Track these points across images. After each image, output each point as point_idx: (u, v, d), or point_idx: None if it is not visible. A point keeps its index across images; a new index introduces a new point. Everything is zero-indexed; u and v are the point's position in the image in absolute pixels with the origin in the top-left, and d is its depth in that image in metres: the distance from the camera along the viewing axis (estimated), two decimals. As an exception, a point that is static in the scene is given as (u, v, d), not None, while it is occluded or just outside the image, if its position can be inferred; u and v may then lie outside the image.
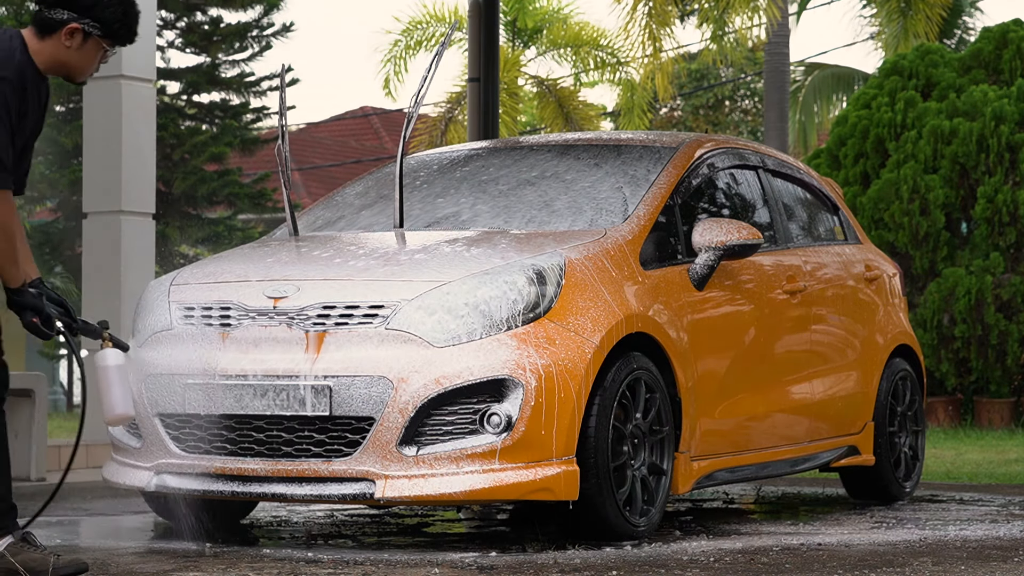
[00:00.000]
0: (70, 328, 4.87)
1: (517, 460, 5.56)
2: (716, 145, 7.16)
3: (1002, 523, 6.82)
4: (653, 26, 19.24)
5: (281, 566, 5.24)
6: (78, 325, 4.91)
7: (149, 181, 10.29)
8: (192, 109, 21.22)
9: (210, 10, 20.72)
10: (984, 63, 16.14)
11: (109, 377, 4.93)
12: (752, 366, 6.77)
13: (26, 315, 4.75)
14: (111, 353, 4.96)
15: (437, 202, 6.80)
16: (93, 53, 4.75)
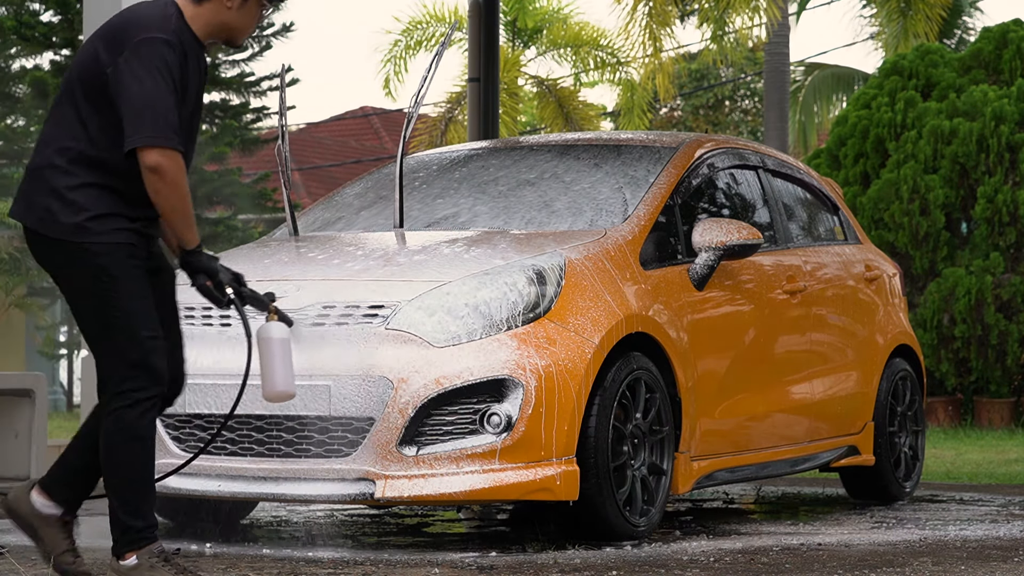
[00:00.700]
0: (240, 296, 4.78)
1: (517, 460, 5.56)
2: (716, 145, 7.16)
3: (1002, 523, 6.82)
4: (653, 26, 19.25)
5: (281, 566, 5.24)
6: (247, 293, 4.82)
7: (149, 181, 10.28)
8: (192, 109, 21.21)
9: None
10: (984, 63, 16.14)
11: (273, 351, 4.78)
12: (752, 366, 6.77)
13: (199, 278, 4.64)
14: (276, 326, 4.81)
15: (437, 202, 6.80)
16: (253, 12, 4.67)
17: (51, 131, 4.58)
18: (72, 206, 4.47)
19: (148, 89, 4.40)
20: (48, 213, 4.49)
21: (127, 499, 4.54)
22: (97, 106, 4.49)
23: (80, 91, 4.52)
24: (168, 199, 4.44)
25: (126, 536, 4.54)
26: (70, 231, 4.47)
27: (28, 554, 5.52)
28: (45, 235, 4.52)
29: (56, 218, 4.48)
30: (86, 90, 4.51)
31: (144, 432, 4.53)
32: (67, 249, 4.49)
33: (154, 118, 4.38)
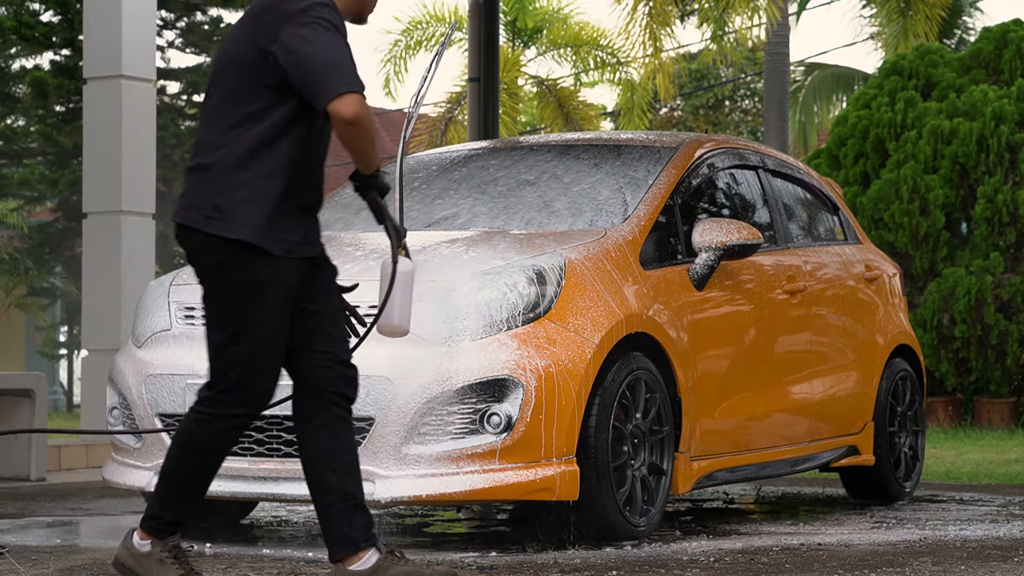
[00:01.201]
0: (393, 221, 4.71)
1: (517, 460, 5.56)
2: (716, 145, 7.16)
3: (1002, 523, 6.82)
4: (653, 26, 19.25)
5: (281, 566, 5.24)
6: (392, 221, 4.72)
7: (149, 181, 10.30)
8: (192, 109, 21.22)
9: (210, 10, 20.73)
10: (984, 63, 16.14)
11: (396, 283, 4.68)
12: (752, 366, 6.77)
13: (372, 194, 4.57)
14: (403, 261, 4.71)
15: (437, 202, 6.80)
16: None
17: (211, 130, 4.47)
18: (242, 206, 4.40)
19: (322, 48, 4.32)
20: (217, 212, 4.40)
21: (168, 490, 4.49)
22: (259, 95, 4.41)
23: (241, 84, 4.43)
24: (363, 143, 4.36)
25: (151, 522, 4.50)
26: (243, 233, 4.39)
27: (28, 554, 5.52)
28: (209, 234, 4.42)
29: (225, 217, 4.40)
30: (248, 81, 4.41)
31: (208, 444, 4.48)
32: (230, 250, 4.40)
33: (338, 71, 4.30)
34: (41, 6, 20.46)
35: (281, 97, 4.40)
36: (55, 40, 20.17)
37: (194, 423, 4.47)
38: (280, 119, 4.42)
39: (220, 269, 4.41)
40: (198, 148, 4.51)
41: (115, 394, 6.21)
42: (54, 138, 19.51)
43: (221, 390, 4.44)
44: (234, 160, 4.40)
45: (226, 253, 4.39)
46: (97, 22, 10.25)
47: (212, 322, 4.46)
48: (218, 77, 4.50)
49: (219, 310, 4.44)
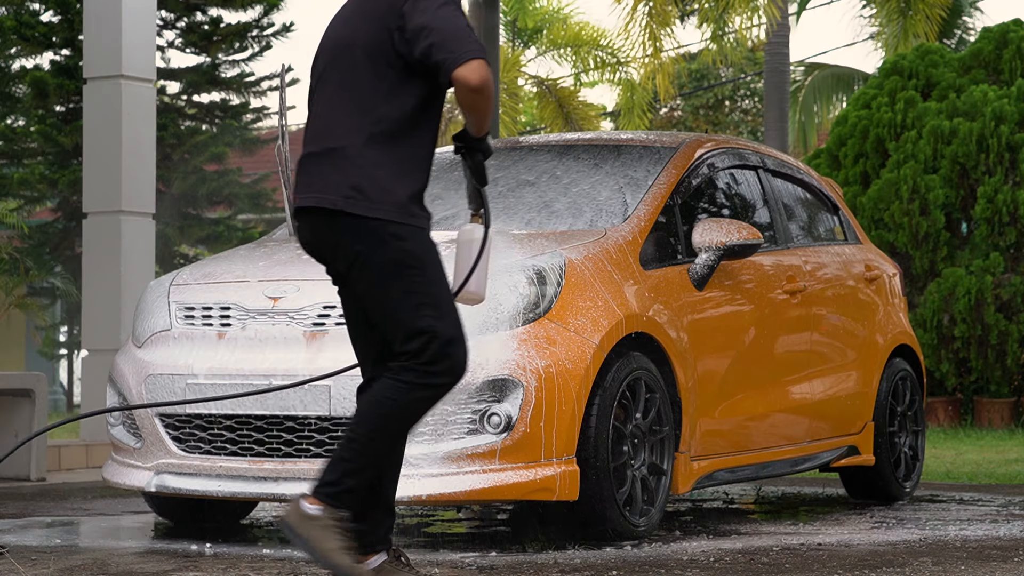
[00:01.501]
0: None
1: (517, 460, 5.56)
2: (716, 145, 7.16)
3: (1002, 523, 6.82)
4: (653, 26, 19.24)
5: (281, 566, 5.24)
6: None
7: (149, 181, 10.30)
8: (192, 109, 21.20)
9: (210, 10, 20.71)
10: (984, 63, 16.14)
11: (473, 251, 4.69)
12: (752, 366, 6.77)
13: (478, 156, 4.60)
14: (480, 228, 4.73)
15: (436, 203, 6.80)
16: None
17: (336, 114, 4.45)
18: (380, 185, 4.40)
19: (442, 18, 4.34)
20: (357, 192, 4.39)
21: (354, 458, 4.39)
22: (383, 76, 4.42)
23: (364, 66, 4.43)
24: (484, 109, 4.40)
25: (329, 488, 4.38)
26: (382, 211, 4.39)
27: (28, 554, 5.52)
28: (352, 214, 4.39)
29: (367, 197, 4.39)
30: (372, 63, 4.42)
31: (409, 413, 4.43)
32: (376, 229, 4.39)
33: (461, 38, 4.33)
34: (41, 6, 20.44)
35: (406, 76, 4.42)
36: (55, 40, 20.15)
37: (392, 388, 4.38)
38: (407, 98, 4.44)
39: (374, 249, 4.39)
40: (321, 133, 4.47)
41: (115, 394, 6.21)
42: (54, 138, 19.48)
43: (427, 361, 4.38)
44: (366, 141, 4.40)
45: (372, 232, 4.38)
46: (97, 22, 10.25)
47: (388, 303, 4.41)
48: (335, 63, 4.49)
49: (392, 288, 4.40)
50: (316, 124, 4.52)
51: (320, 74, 4.56)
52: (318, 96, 4.55)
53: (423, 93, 4.46)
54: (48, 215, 22.45)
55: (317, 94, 4.56)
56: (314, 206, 4.44)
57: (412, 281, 4.39)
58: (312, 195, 4.45)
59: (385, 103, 4.42)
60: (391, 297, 4.40)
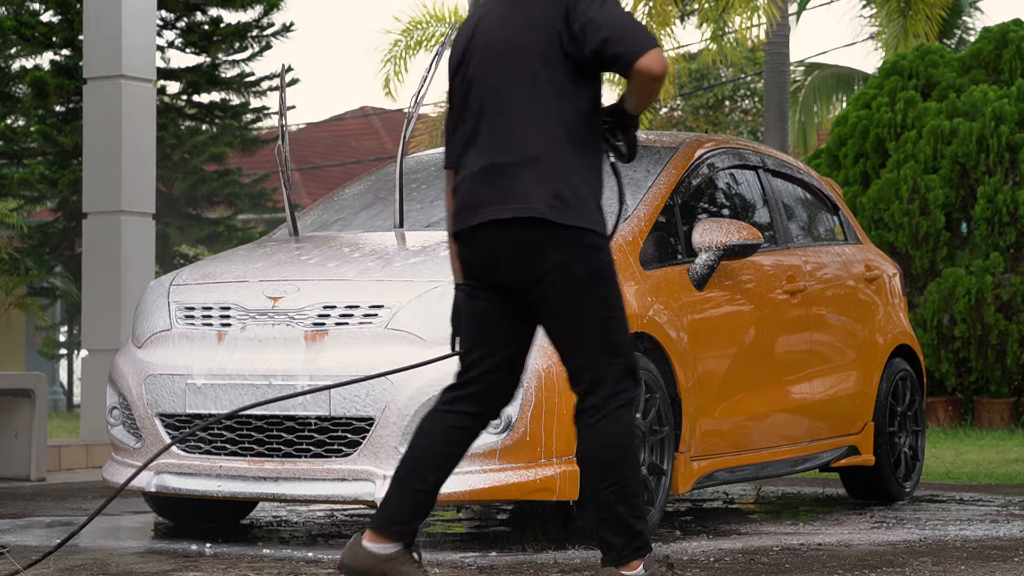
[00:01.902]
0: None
1: (517, 460, 5.56)
2: (716, 145, 7.16)
3: (1002, 523, 6.82)
4: (653, 26, 19.23)
5: (281, 566, 5.24)
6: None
7: (149, 181, 10.30)
8: (192, 109, 21.21)
9: (210, 10, 20.72)
10: (984, 63, 16.14)
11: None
12: (752, 366, 6.77)
13: (631, 131, 4.55)
14: None
15: (437, 203, 6.80)
16: None
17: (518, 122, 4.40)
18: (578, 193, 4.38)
19: (612, 11, 4.35)
20: (560, 201, 4.35)
21: (634, 501, 4.37)
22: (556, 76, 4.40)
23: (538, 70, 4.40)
24: (657, 93, 4.40)
25: (635, 543, 4.35)
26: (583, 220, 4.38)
27: (28, 554, 5.52)
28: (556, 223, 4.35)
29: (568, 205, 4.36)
30: (546, 66, 4.40)
31: (634, 431, 4.43)
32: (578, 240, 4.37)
33: (637, 29, 4.34)
34: (41, 6, 20.45)
35: (576, 78, 4.41)
36: (55, 40, 20.16)
37: (613, 424, 4.37)
38: (580, 101, 4.43)
39: (575, 259, 4.36)
40: (504, 143, 4.41)
41: (115, 394, 6.21)
42: (54, 138, 19.49)
43: (616, 381, 4.38)
44: (555, 149, 4.37)
45: (577, 242, 4.36)
46: (97, 22, 10.25)
47: (580, 319, 4.38)
48: (500, 70, 4.44)
49: (588, 302, 4.37)
50: (493, 134, 4.43)
51: (479, 82, 4.48)
52: (487, 105, 4.46)
53: (591, 95, 4.46)
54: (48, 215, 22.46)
55: (481, 103, 4.46)
56: (517, 217, 4.35)
57: (607, 293, 4.39)
58: (512, 206, 4.36)
59: (564, 108, 4.40)
60: (586, 309, 4.38)
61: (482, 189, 4.41)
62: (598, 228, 4.41)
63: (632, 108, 4.48)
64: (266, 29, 21.00)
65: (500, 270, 4.42)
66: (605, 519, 4.37)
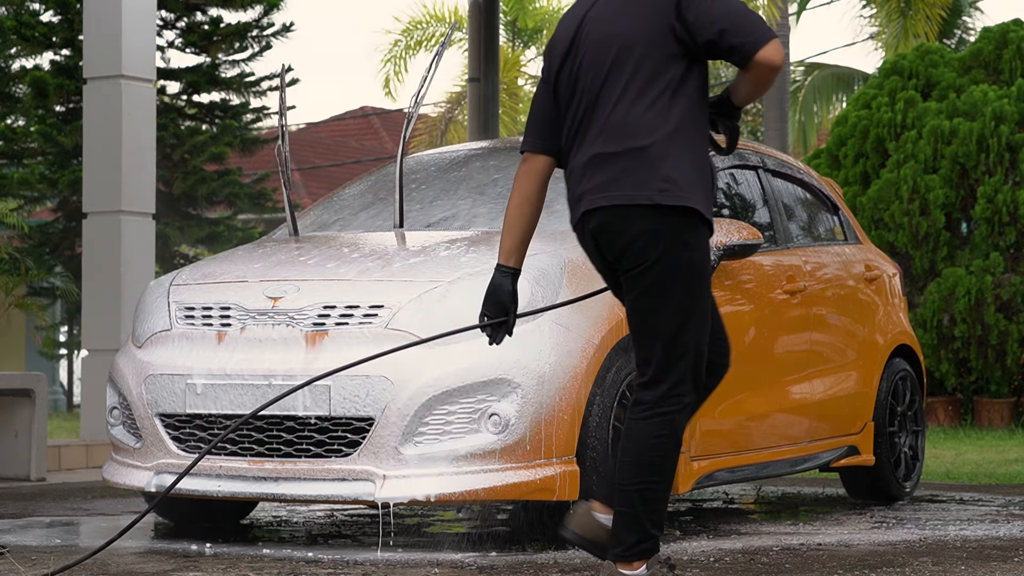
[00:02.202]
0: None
1: (517, 460, 5.55)
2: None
3: (1002, 523, 6.82)
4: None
5: (281, 566, 5.24)
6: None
7: (149, 181, 10.30)
8: (192, 109, 21.21)
9: (210, 10, 20.72)
10: (984, 63, 16.14)
11: None
12: (752, 366, 6.77)
13: (735, 122, 4.59)
14: None
15: (436, 203, 6.80)
16: None
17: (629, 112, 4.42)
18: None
19: (725, 3, 4.38)
20: (670, 184, 4.35)
21: (657, 507, 4.37)
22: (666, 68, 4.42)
23: (648, 60, 4.41)
24: (771, 84, 4.44)
25: (644, 544, 4.36)
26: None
27: (28, 554, 5.52)
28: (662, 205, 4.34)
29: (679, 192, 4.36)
30: (656, 56, 4.41)
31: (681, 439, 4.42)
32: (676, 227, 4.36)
33: (756, 21, 4.37)
34: (41, 6, 20.44)
35: (686, 69, 4.43)
36: (55, 40, 20.16)
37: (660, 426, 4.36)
38: (691, 92, 4.44)
39: (675, 247, 4.35)
40: (619, 133, 4.42)
41: (115, 394, 6.21)
42: (54, 138, 19.49)
43: (675, 383, 4.38)
44: (666, 137, 4.38)
45: (682, 225, 4.35)
46: (97, 22, 10.25)
47: (659, 311, 4.37)
48: (613, 60, 4.44)
49: (671, 297, 4.37)
50: (604, 125, 4.45)
51: (589, 73, 4.49)
52: (599, 97, 4.47)
53: (700, 85, 4.47)
54: (48, 215, 22.45)
55: (593, 95, 4.47)
56: (625, 204, 4.36)
57: (693, 292, 4.38)
58: (620, 193, 4.38)
59: (675, 99, 4.41)
60: (668, 303, 4.37)
61: (592, 178, 4.45)
62: (703, 219, 4.40)
63: (740, 100, 4.51)
64: (266, 29, 21.01)
65: (606, 254, 4.47)
66: (624, 513, 4.38)
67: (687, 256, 4.37)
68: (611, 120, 4.44)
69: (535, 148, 4.62)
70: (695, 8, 4.38)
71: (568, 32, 4.58)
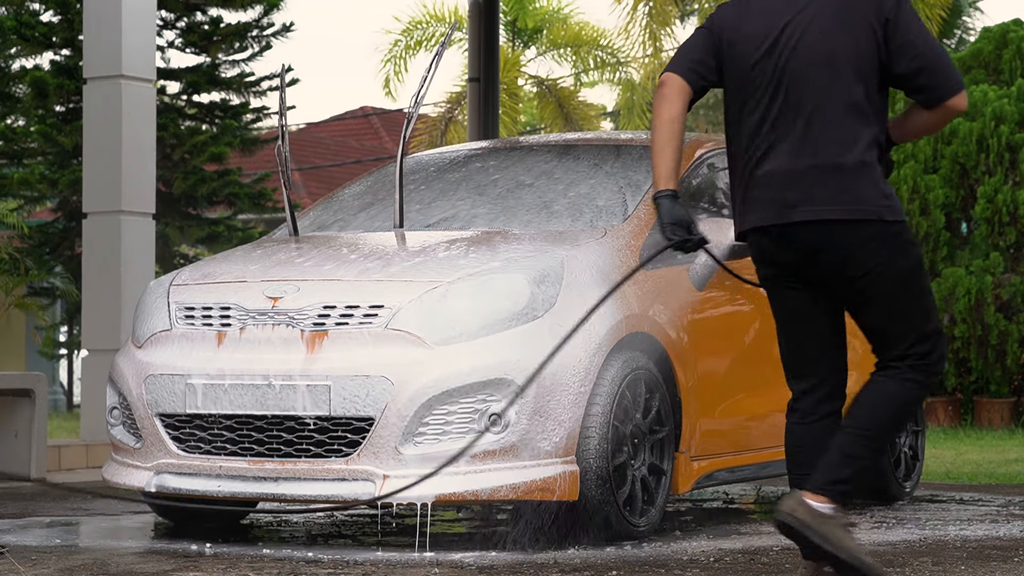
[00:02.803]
0: None
1: (517, 460, 5.56)
2: (716, 145, 7.16)
3: (1002, 523, 6.82)
4: (653, 26, 19.26)
5: (281, 566, 5.24)
6: None
7: (149, 181, 10.30)
8: (192, 109, 21.20)
9: (210, 10, 20.71)
10: (984, 63, 16.13)
11: None
12: (752, 366, 6.77)
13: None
14: None
15: (436, 203, 6.80)
16: None
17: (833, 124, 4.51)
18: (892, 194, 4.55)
19: (930, 39, 4.52)
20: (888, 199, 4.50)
21: (862, 458, 4.51)
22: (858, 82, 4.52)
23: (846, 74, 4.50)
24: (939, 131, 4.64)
25: (836, 486, 4.46)
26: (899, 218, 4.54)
27: (28, 554, 5.52)
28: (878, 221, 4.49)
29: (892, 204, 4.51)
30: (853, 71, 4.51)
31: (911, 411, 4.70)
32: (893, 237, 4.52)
33: (949, 66, 4.53)
34: (41, 6, 20.44)
35: (881, 86, 4.55)
36: (55, 40, 20.15)
37: (909, 388, 4.59)
38: (883, 109, 4.57)
39: (900, 254, 4.52)
40: (833, 145, 4.51)
41: (115, 394, 6.21)
42: (54, 138, 19.48)
43: (932, 360, 4.59)
44: (872, 152, 4.52)
45: (896, 237, 4.51)
46: (97, 22, 10.25)
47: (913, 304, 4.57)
48: (813, 70, 4.53)
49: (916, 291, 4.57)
50: (815, 134, 4.54)
51: (797, 79, 4.55)
52: (806, 104, 4.55)
53: (885, 106, 4.60)
54: (48, 215, 22.45)
55: (798, 100, 4.55)
56: (853, 218, 4.49)
57: (923, 284, 4.58)
58: (848, 207, 4.49)
59: (873, 116, 4.54)
60: (909, 301, 4.57)
61: (806, 187, 4.52)
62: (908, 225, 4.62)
63: (903, 135, 4.68)
64: (266, 29, 21.00)
65: (815, 265, 4.57)
66: (845, 454, 4.51)
67: (914, 252, 4.57)
68: (826, 133, 4.53)
69: (686, 76, 4.67)
70: (900, 36, 4.51)
71: (770, 28, 4.61)
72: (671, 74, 4.67)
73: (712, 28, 4.70)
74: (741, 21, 4.65)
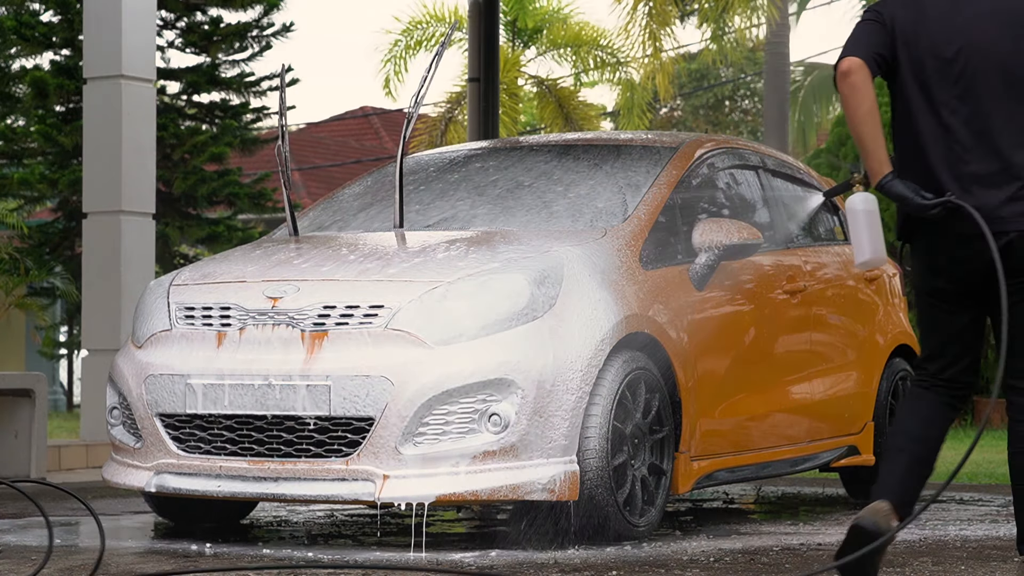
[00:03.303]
0: None
1: (517, 460, 5.56)
2: (716, 145, 7.16)
3: (1002, 523, 6.82)
4: (653, 26, 19.25)
5: (281, 566, 5.24)
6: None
7: (149, 181, 10.30)
8: (192, 109, 21.19)
9: (210, 10, 20.71)
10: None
11: (859, 221, 4.93)
12: (752, 366, 6.77)
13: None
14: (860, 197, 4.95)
15: (436, 203, 6.80)
16: None
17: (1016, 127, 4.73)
18: None
19: None
20: None
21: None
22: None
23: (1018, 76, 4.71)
24: None
25: None
26: None
27: (28, 554, 5.52)
28: None
29: None
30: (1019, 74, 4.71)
31: None
32: None
33: None
34: (41, 6, 20.44)
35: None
36: (55, 40, 20.15)
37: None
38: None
39: None
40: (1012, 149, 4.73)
41: (115, 394, 6.21)
42: (54, 138, 19.48)
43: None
44: None
45: None
46: (97, 22, 10.25)
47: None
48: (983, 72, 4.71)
49: None
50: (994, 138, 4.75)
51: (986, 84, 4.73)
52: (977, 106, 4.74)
53: None
54: (48, 215, 22.45)
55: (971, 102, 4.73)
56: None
57: None
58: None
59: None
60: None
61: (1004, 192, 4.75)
62: None
63: None
64: (266, 29, 21.00)
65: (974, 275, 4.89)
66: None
67: None
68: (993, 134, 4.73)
69: (869, 61, 4.76)
70: None
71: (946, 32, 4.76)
72: (859, 61, 4.75)
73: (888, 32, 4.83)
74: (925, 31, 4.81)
